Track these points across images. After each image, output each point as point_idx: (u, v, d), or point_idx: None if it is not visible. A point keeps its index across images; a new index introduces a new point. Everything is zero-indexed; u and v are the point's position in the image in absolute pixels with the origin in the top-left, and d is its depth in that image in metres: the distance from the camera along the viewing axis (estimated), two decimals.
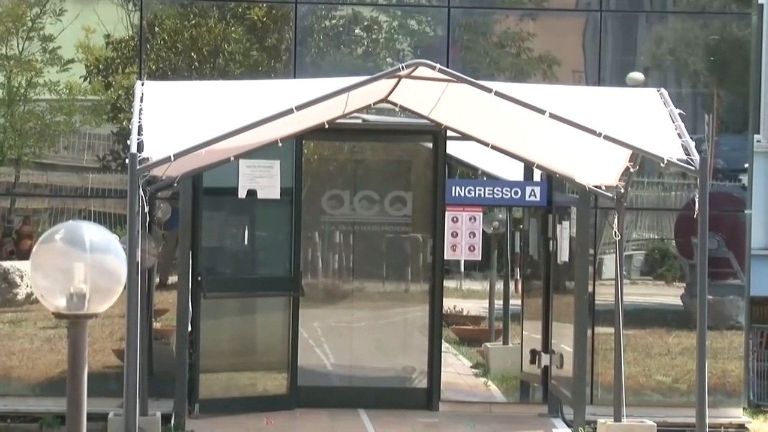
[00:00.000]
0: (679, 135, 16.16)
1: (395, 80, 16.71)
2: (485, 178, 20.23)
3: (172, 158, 15.06)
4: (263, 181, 19.18)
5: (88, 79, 19.43)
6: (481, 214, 20.38)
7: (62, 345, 10.69)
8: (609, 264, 18.44)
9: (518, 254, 20.86)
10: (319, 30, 19.62)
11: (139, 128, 15.68)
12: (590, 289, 18.39)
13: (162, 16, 19.47)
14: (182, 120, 16.16)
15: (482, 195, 20.04)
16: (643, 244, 19.57)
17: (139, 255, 15.08)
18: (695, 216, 16.16)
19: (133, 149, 15.13)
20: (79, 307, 8.09)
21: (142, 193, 15.28)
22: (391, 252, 20.26)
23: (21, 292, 18.28)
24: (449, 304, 20.31)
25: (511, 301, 20.80)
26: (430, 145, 19.64)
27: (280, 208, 19.53)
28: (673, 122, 16.51)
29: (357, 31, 19.70)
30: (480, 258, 20.57)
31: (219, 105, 16.51)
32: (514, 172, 19.73)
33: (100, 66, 19.36)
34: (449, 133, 19.07)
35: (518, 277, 20.79)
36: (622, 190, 17.40)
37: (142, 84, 17.26)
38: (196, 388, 18.45)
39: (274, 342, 19.60)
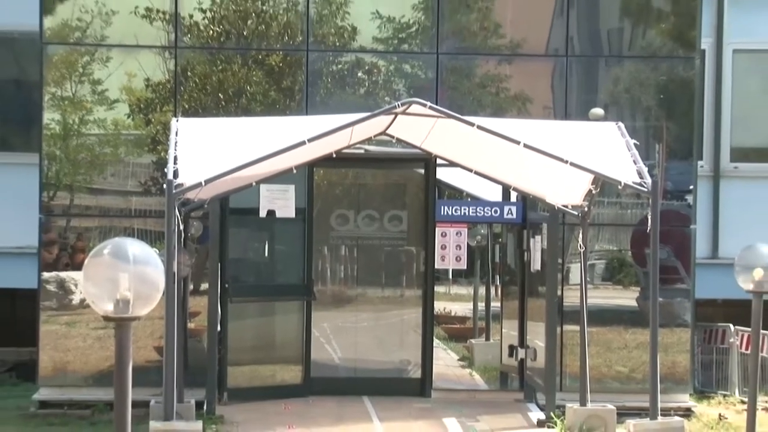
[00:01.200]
0: (634, 162, 16.21)
1: (392, 116, 16.74)
2: (469, 199, 20.23)
3: (203, 184, 15.12)
4: (280, 202, 19.17)
5: (131, 117, 19.40)
6: (466, 229, 20.41)
7: (110, 343, 10.63)
8: (575, 272, 18.42)
9: (498, 263, 20.91)
10: (327, 73, 19.60)
11: (175, 158, 15.73)
12: (559, 293, 18.35)
13: (193, 63, 19.46)
14: (211, 151, 16.18)
15: (467, 213, 20.07)
16: (604, 254, 19.53)
17: (175, 266, 15.12)
18: (648, 230, 16.21)
19: (170, 176, 15.18)
20: (124, 312, 8.16)
21: (178, 214, 15.34)
22: (389, 262, 20.22)
23: (75, 298, 18.26)
24: (439, 306, 20.43)
25: (492, 304, 20.90)
26: (422, 171, 19.61)
27: (295, 226, 19.51)
28: (629, 151, 16.55)
29: (359, 74, 19.68)
30: (465, 267, 20.66)
31: (242, 138, 16.55)
32: (493, 193, 19.73)
33: (141, 105, 19.34)
34: (438, 161, 19.05)
35: (498, 283, 20.85)
36: (586, 209, 17.40)
37: (177, 120, 17.29)
38: (225, 379, 18.44)
39: (290, 339, 19.59)
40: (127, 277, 8.35)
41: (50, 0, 19.23)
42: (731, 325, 20.42)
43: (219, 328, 18.52)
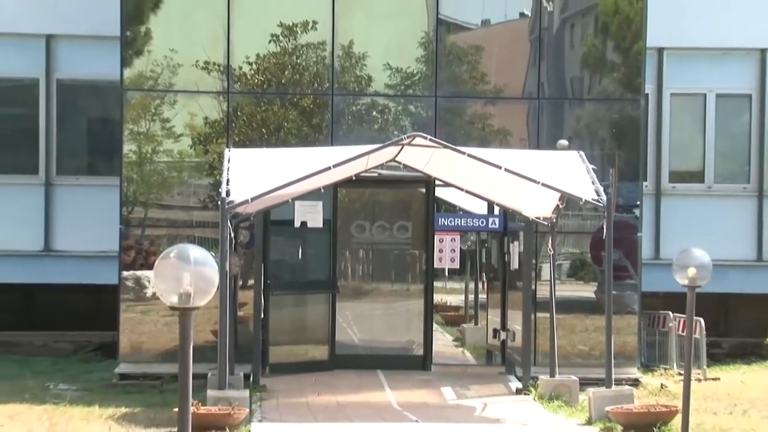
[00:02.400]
0: (592, 182, 16.22)
1: (400, 147, 16.74)
2: (461, 212, 20.15)
3: (250, 201, 15.23)
4: (311, 215, 19.15)
5: (193, 147, 19.44)
6: (459, 236, 20.38)
7: (175, 327, 10.61)
8: (545, 270, 18.38)
9: (484, 263, 20.93)
10: (348, 113, 19.59)
11: (227, 180, 15.85)
12: (533, 287, 18.29)
13: (242, 104, 19.45)
14: (256, 174, 16.23)
15: (459, 224, 20.09)
16: (568, 256, 19.51)
17: (227, 266, 15.16)
18: (603, 237, 16.19)
19: (223, 195, 15.29)
20: (186, 303, 8.15)
21: (229, 224, 15.42)
22: (397, 263, 20.19)
23: (148, 292, 18.28)
24: (437, 297, 20.34)
25: (480, 296, 20.89)
26: (424, 190, 19.56)
27: (322, 234, 19.48)
28: (588, 174, 16.55)
29: (374, 113, 19.67)
30: (458, 266, 20.62)
31: (281, 164, 16.59)
32: (480, 207, 19.70)
33: (201, 138, 19.39)
34: (436, 182, 19.05)
35: (484, 279, 20.86)
36: (554, 220, 17.40)
37: (229, 150, 17.36)
38: (267, 356, 18.41)
39: (318, 324, 19.56)
40: (188, 275, 8.36)
41: (129, 55, 19.27)
42: (670, 313, 20.35)
43: (262, 316, 18.53)
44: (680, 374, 16.30)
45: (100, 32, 20.43)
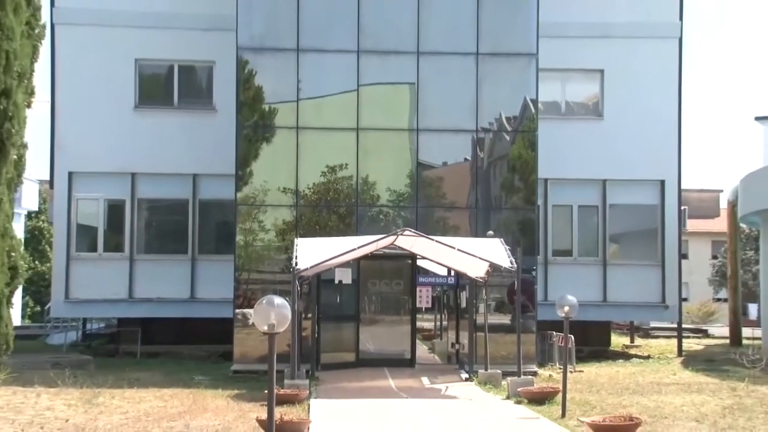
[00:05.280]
0: (508, 257, 16.28)
1: (396, 236, 16.76)
2: (432, 274, 20.03)
3: (309, 268, 15.11)
4: (345, 276, 19.14)
5: (277, 237, 19.37)
6: (431, 288, 20.39)
7: (266, 343, 10.58)
8: (481, 307, 18.27)
9: (446, 303, 20.69)
10: (366, 216, 19.55)
11: (296, 257, 15.81)
12: (474, 317, 18.20)
13: (304, 212, 19.38)
14: (313, 253, 16.29)
15: (431, 281, 20.14)
16: (495, 299, 19.37)
17: (296, 306, 15.07)
18: (515, 288, 16.06)
19: (294, 265, 15.15)
20: (272, 330, 8.34)
21: (297, 283, 15.30)
22: (394, 304, 20.05)
23: (250, 322, 18.07)
24: (419, 324, 20.25)
25: (444, 322, 20.66)
26: (410, 261, 19.54)
27: (352, 287, 19.42)
28: (506, 252, 16.62)
29: (381, 216, 19.62)
30: (431, 305, 20.50)
31: (327, 247, 16.62)
32: (443, 271, 19.61)
33: (281, 232, 19.40)
34: (417, 257, 19.02)
35: (446, 313, 20.61)
36: (486, 279, 17.40)
37: (297, 239, 17.34)
38: (319, 359, 18.43)
39: (349, 340, 19.46)
40: (273, 313, 8.46)
41: (240, 185, 19.26)
42: (554, 332, 20.23)
43: (316, 335, 18.45)
44: (560, 369, 16.15)
45: (223, 172, 20.47)
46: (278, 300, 8.59)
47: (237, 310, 18.98)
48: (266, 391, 9.03)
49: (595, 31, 22.81)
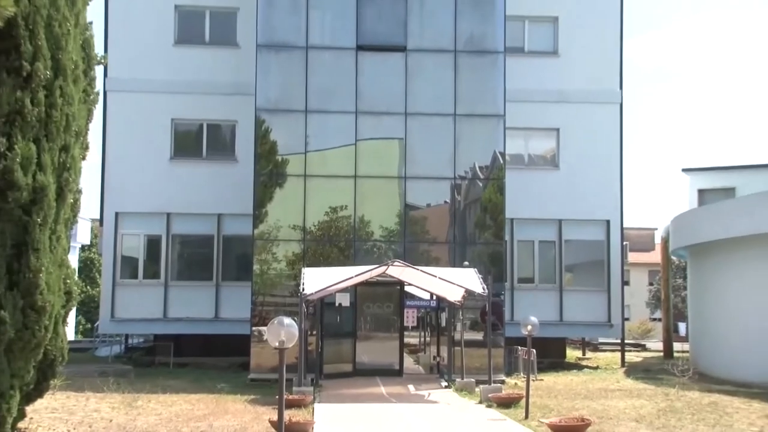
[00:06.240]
0: (481, 284, 16.21)
1: (387, 266, 16.74)
2: (417, 298, 19.94)
3: (314, 293, 15.02)
4: (344, 300, 19.07)
5: (287, 267, 19.28)
6: (416, 310, 20.26)
7: (277, 356, 10.45)
8: (459, 326, 18.17)
9: (428, 323, 20.57)
10: (362, 249, 19.52)
11: (303, 283, 15.71)
12: (452, 334, 18.11)
13: (311, 246, 19.36)
14: (318, 281, 16.18)
15: (416, 304, 20.01)
16: (470, 319, 19.26)
17: (303, 325, 15.01)
18: (486, 310, 16.02)
19: (301, 290, 15.09)
20: (282, 345, 8.27)
21: (304, 305, 15.21)
22: (386, 323, 19.89)
23: (264, 338, 17.91)
24: (406, 340, 20.01)
25: (427, 338, 20.50)
26: (399, 287, 19.46)
27: (350, 309, 19.37)
28: (479, 279, 16.55)
29: (374, 249, 19.56)
30: (416, 324, 20.36)
31: (330, 275, 16.56)
32: (426, 296, 19.55)
33: (291, 262, 19.29)
34: (405, 284, 18.95)
35: (428, 330, 20.48)
36: (463, 302, 17.33)
37: (304, 268, 17.28)
38: (322, 369, 18.27)
39: (347, 353, 19.34)
40: (283, 331, 8.37)
41: (256, 223, 19.29)
42: (519, 347, 20.14)
43: (320, 349, 18.34)
44: (524, 378, 16.07)
45: (243, 212, 20.47)
46: (287, 320, 8.57)
47: (253, 328, 18.88)
48: (277, 397, 8.99)
49: (553, 97, 23.02)
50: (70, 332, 24.05)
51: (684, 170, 31.31)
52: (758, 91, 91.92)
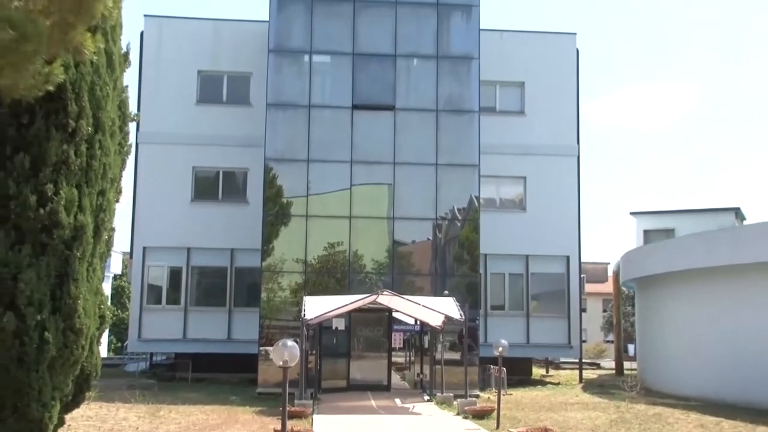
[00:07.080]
0: (459, 311, 16.18)
1: (377, 295, 16.72)
2: (403, 323, 19.84)
3: (314, 318, 14.96)
4: (340, 324, 18.99)
5: (291, 295, 19.23)
6: (402, 333, 20.15)
7: (281, 373, 10.42)
8: (439, 348, 18.08)
9: (413, 344, 20.42)
10: (356, 279, 19.50)
11: (304, 310, 15.66)
12: (434, 354, 18.03)
13: (312, 277, 19.33)
14: (317, 307, 16.11)
15: (403, 328, 19.91)
16: (449, 341, 19.16)
17: (303, 347, 14.93)
18: (463, 333, 16.00)
19: (302, 316, 15.03)
20: (286, 364, 8.18)
21: (305, 329, 15.14)
22: (376, 344, 19.70)
23: (270, 357, 17.82)
24: (393, 359, 19.83)
25: (411, 358, 20.35)
26: (388, 314, 19.32)
27: (345, 332, 19.28)
28: (457, 307, 16.54)
29: (366, 279, 19.54)
30: (402, 346, 20.25)
31: (327, 303, 16.51)
32: (411, 321, 19.47)
33: (293, 291, 19.25)
34: (393, 311, 18.89)
35: (413, 351, 20.35)
36: (443, 326, 17.30)
37: (305, 297, 17.25)
38: (320, 384, 18.08)
39: (342, 370, 19.18)
40: (287, 352, 8.34)
41: (264, 257, 19.25)
42: (491, 365, 20.06)
43: (319, 366, 18.21)
44: (496, 392, 16.01)
45: (253, 247, 20.44)
46: (290, 342, 8.59)
47: (261, 348, 18.76)
48: (281, 408, 8.96)
49: (520, 150, 23.23)
50: (103, 350, 23.91)
51: (632, 213, 31.55)
52: (695, 146, 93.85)
